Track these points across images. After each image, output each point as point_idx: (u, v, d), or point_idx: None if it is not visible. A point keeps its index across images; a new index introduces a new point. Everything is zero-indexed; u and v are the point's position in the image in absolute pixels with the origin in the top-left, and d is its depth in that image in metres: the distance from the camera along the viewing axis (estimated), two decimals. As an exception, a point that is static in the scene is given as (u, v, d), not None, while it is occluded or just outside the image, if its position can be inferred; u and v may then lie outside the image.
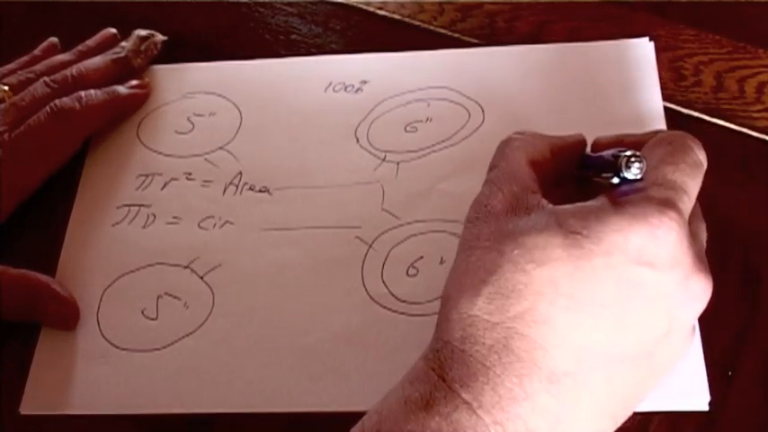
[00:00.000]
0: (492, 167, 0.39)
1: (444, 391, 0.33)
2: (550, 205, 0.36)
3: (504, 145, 0.40)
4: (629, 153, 0.35)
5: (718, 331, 0.42)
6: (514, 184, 0.37)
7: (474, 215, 0.37)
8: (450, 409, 0.32)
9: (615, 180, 0.36)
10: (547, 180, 0.39)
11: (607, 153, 0.37)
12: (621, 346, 0.34)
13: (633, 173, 0.35)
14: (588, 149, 0.42)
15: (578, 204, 0.35)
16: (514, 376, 0.33)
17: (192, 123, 0.55)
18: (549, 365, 0.33)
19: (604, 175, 0.37)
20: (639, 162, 0.35)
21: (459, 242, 0.37)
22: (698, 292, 0.36)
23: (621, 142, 0.40)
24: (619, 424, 0.36)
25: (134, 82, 0.56)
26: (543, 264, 0.33)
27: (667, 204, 0.34)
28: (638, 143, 0.39)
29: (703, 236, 0.39)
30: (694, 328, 0.38)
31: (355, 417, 0.42)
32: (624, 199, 0.35)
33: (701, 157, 0.38)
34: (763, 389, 0.41)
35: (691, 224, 0.36)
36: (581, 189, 0.40)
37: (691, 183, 0.36)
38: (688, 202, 0.35)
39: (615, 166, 0.36)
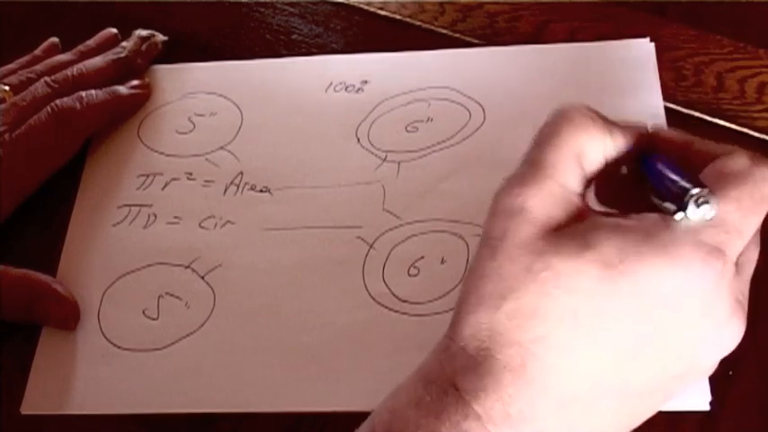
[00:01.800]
0: (535, 144, 0.36)
1: (455, 398, 0.33)
2: (590, 213, 0.34)
3: (562, 119, 0.36)
4: (698, 192, 0.32)
5: (719, 331, 0.42)
6: (554, 179, 0.34)
7: (502, 207, 0.35)
8: (460, 417, 0.32)
9: (677, 216, 0.32)
10: (598, 170, 0.36)
11: (673, 176, 0.34)
12: (636, 382, 0.34)
13: (700, 215, 0.32)
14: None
15: (620, 222, 0.33)
16: (526, 398, 0.32)
17: (193, 123, 0.55)
18: (560, 391, 0.33)
19: (665, 204, 0.33)
20: (710, 206, 0.32)
21: (483, 230, 0.35)
22: (727, 341, 0.34)
23: (689, 148, 0.37)
24: None
25: (135, 82, 0.56)
26: (570, 292, 0.32)
27: (715, 254, 0.32)
28: (707, 155, 0.35)
29: (752, 264, 0.36)
30: (715, 364, 0.36)
31: (356, 416, 0.42)
32: (670, 235, 0.32)
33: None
34: (764, 388, 0.41)
35: (742, 255, 0.34)
36: (630, 183, 0.37)
37: (749, 223, 0.33)
38: (740, 245, 0.33)
39: (680, 201, 0.32)
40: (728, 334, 0.34)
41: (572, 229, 0.33)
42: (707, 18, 0.54)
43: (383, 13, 0.58)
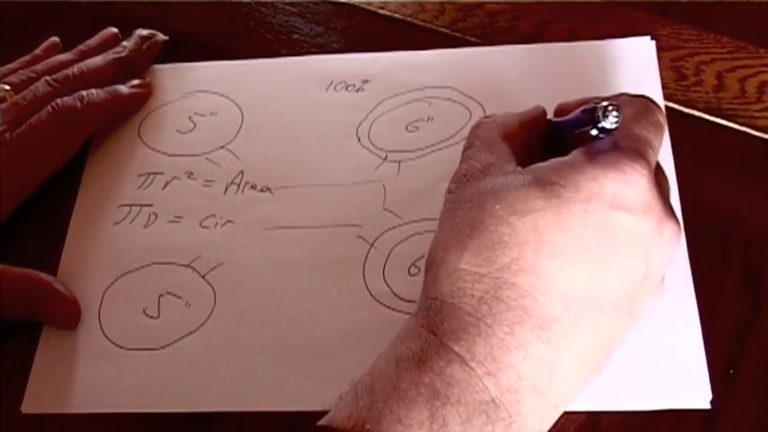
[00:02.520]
0: (467, 147, 0.41)
1: (436, 346, 0.33)
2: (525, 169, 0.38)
3: (476, 127, 0.42)
4: (605, 103, 0.36)
5: (720, 330, 0.42)
6: (490, 154, 0.39)
7: (454, 186, 0.39)
8: (443, 363, 0.33)
9: (594, 132, 0.37)
10: (521, 152, 0.40)
11: (577, 111, 0.39)
12: (605, 290, 0.35)
13: (611, 121, 0.36)
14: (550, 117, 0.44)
15: (552, 160, 0.37)
16: (505, 325, 0.33)
17: (194, 123, 0.55)
18: (538, 312, 0.34)
19: (579, 131, 0.38)
20: (617, 111, 0.36)
21: (441, 212, 0.38)
22: (671, 236, 0.37)
23: (586, 103, 0.41)
24: (600, 370, 0.37)
25: (135, 81, 0.56)
26: (526, 214, 0.35)
27: (636, 154, 0.36)
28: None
29: (668, 188, 0.40)
30: (664, 277, 0.39)
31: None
32: (596, 151, 0.36)
33: (662, 118, 0.39)
34: (765, 387, 0.41)
35: (656, 175, 0.37)
36: (551, 157, 0.40)
37: (655, 139, 0.38)
38: (653, 155, 0.37)
39: (593, 118, 0.36)
40: (670, 230, 0.37)
41: (513, 175, 0.37)
42: (707, 17, 0.54)
43: (383, 12, 0.58)
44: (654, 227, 0.36)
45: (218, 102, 0.55)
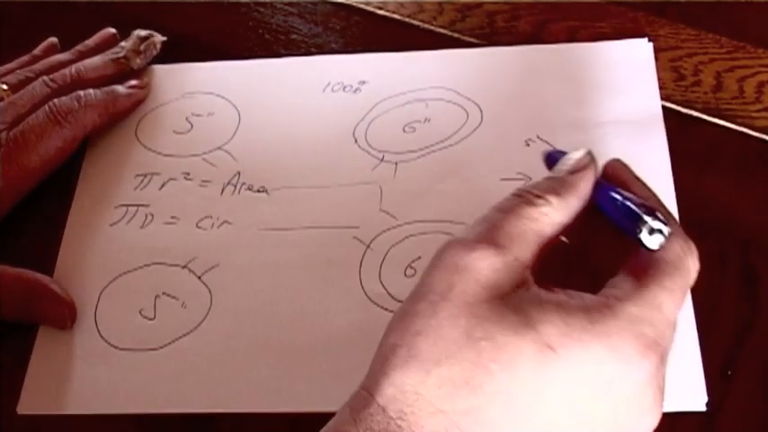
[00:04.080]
0: (499, 211, 0.35)
1: None
2: (535, 288, 0.33)
3: (520, 204, 0.35)
4: (650, 222, 0.33)
5: (718, 331, 0.42)
6: (512, 250, 0.33)
7: (451, 260, 0.33)
8: None
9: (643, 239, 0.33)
10: (555, 259, 0.36)
11: (621, 210, 0.34)
12: None
13: (653, 244, 0.33)
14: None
15: (563, 302, 0.33)
16: None
17: (191, 123, 0.55)
18: None
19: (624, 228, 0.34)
20: (662, 235, 0.33)
21: (422, 282, 0.34)
22: (646, 427, 0.34)
23: (628, 186, 0.37)
24: None
25: (133, 82, 0.56)
26: (506, 369, 0.31)
27: (653, 347, 0.32)
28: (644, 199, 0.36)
29: (669, 349, 0.35)
30: None
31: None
32: (612, 324, 0.32)
33: (694, 277, 0.35)
34: (763, 388, 0.41)
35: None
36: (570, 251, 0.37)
37: (678, 311, 0.34)
38: (672, 335, 0.34)
39: (634, 229, 0.33)
40: (649, 421, 0.34)
41: (516, 301, 0.32)
42: (706, 18, 0.54)
43: (382, 12, 0.58)
44: (635, 416, 0.33)
45: (216, 102, 0.55)
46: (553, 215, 0.35)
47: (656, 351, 0.32)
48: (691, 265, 0.34)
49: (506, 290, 0.33)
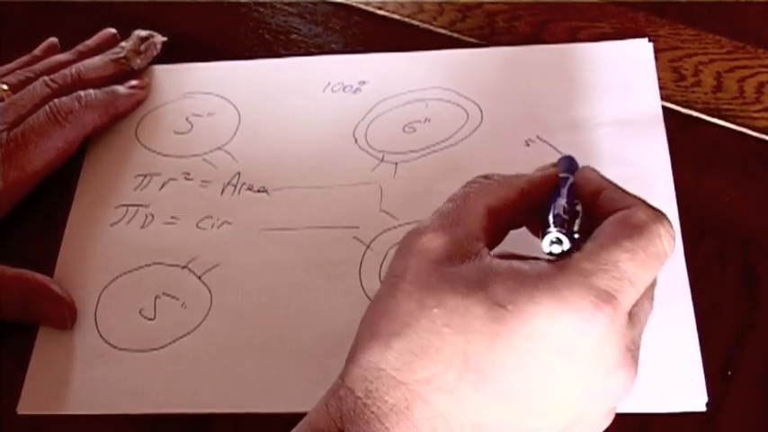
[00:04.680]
0: (449, 201, 0.37)
1: None
2: (488, 257, 0.34)
3: (468, 185, 0.38)
4: (553, 233, 0.34)
5: (718, 331, 0.42)
6: (461, 227, 0.35)
7: (407, 246, 0.35)
8: None
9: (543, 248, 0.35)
10: (508, 225, 0.38)
11: (551, 211, 0.36)
12: (523, 428, 0.33)
13: (546, 248, 0.35)
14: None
15: (514, 266, 0.33)
16: None
17: (191, 123, 0.55)
18: None
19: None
20: (557, 250, 0.34)
21: (387, 271, 0.36)
22: (616, 388, 0.34)
23: (599, 194, 0.37)
24: None
25: (133, 82, 0.56)
26: (459, 332, 0.32)
27: (605, 298, 0.32)
28: (614, 203, 0.36)
29: (646, 318, 0.36)
30: (610, 412, 0.36)
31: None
32: (563, 279, 0.32)
33: (667, 246, 0.34)
34: (763, 388, 0.41)
35: (635, 306, 0.34)
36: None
37: (643, 275, 0.33)
38: (633, 294, 0.33)
39: (543, 230, 0.35)
40: (618, 382, 0.34)
41: (468, 269, 0.33)
42: (706, 18, 0.54)
43: (382, 12, 0.58)
44: (598, 378, 0.33)
45: (216, 102, 0.55)
46: (498, 189, 0.37)
47: (609, 303, 0.32)
48: (660, 231, 0.34)
49: (458, 261, 0.34)
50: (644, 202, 0.35)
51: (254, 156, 0.52)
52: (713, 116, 0.50)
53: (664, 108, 0.50)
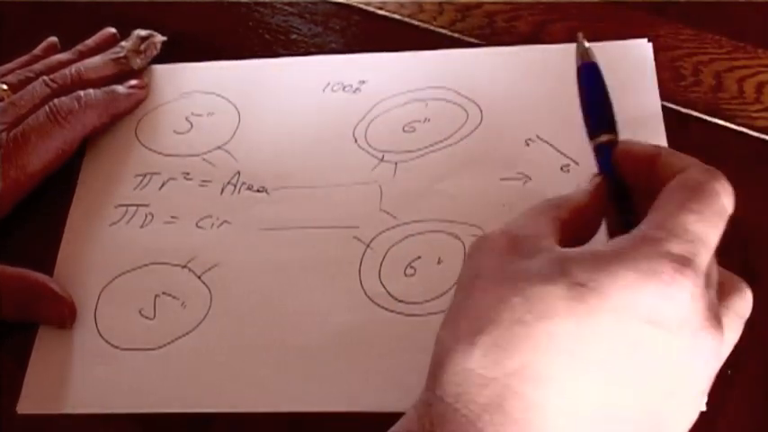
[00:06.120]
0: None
1: None
2: (558, 248, 0.34)
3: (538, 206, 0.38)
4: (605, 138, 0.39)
5: (718, 331, 0.42)
6: (530, 227, 0.35)
7: (476, 248, 0.35)
8: None
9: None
10: (575, 238, 0.37)
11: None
12: (620, 406, 0.32)
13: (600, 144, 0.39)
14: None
15: (588, 249, 0.33)
16: None
17: (191, 123, 0.55)
18: (544, 426, 0.31)
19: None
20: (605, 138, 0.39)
21: (458, 277, 0.35)
22: (707, 352, 0.33)
23: (657, 161, 0.38)
24: None
25: (133, 82, 0.56)
26: (543, 317, 0.31)
27: (684, 262, 0.32)
28: (672, 167, 0.36)
29: (716, 277, 0.35)
30: (704, 391, 0.35)
31: (352, 417, 0.42)
32: (638, 251, 0.32)
33: (728, 203, 0.34)
34: (763, 388, 0.41)
35: (709, 268, 0.34)
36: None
37: (712, 233, 0.33)
38: (706, 254, 0.33)
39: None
40: (708, 345, 0.33)
41: (541, 260, 0.33)
42: (706, 18, 0.54)
43: (382, 12, 0.58)
44: (686, 343, 0.32)
45: (216, 102, 0.55)
46: (560, 202, 0.37)
47: (689, 266, 0.32)
48: (718, 188, 0.34)
49: (529, 256, 0.33)
50: (697, 162, 0.36)
51: (254, 155, 0.52)
52: (713, 116, 0.50)
53: (663, 108, 0.50)
